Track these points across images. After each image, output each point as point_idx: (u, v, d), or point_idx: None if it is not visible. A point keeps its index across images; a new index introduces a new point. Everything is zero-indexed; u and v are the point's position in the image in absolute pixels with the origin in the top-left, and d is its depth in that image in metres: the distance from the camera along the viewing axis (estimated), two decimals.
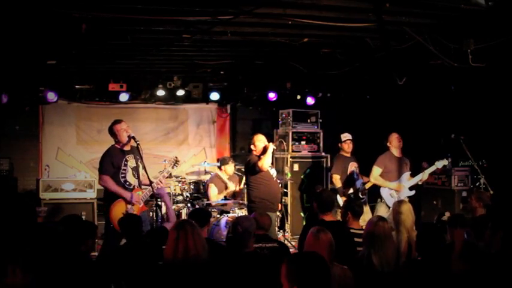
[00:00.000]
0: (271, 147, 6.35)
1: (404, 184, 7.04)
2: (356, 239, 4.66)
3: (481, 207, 5.34)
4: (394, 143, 7.16)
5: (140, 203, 5.63)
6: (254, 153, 6.48)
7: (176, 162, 6.15)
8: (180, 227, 3.58)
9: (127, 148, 5.71)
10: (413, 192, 7.05)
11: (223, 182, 8.12)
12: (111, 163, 5.60)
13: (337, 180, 7.79)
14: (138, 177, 5.69)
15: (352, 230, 4.90)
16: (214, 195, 8.00)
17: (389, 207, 6.86)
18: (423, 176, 7.00)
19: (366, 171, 7.54)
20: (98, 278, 3.82)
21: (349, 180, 7.73)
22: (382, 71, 7.50)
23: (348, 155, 7.91)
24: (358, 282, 3.66)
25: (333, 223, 4.76)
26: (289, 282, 2.64)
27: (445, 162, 7.01)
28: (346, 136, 7.93)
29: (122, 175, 5.62)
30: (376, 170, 7.09)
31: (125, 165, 5.64)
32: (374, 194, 7.36)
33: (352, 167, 7.81)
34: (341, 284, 3.46)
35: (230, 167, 8.15)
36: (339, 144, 7.98)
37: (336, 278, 3.44)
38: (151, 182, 5.59)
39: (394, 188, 7.00)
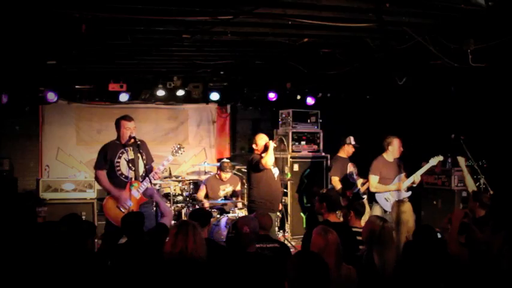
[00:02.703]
0: (272, 144, 6.37)
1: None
2: (358, 237, 4.68)
3: (478, 208, 5.33)
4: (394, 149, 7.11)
5: (138, 195, 5.59)
6: (256, 152, 6.51)
7: (180, 148, 5.98)
8: (182, 223, 3.63)
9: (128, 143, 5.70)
10: (409, 193, 7.02)
11: (219, 184, 8.12)
12: (103, 158, 5.64)
13: (336, 182, 7.77)
14: (136, 170, 5.65)
15: (354, 229, 4.93)
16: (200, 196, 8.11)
17: (384, 211, 6.86)
18: (415, 177, 6.96)
19: (365, 171, 7.52)
20: (102, 275, 3.82)
21: (346, 182, 7.73)
22: (382, 71, 7.50)
23: (346, 156, 7.91)
24: (359, 280, 3.67)
25: (337, 224, 4.76)
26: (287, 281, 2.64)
27: (440, 158, 6.95)
28: (353, 140, 7.91)
29: (117, 168, 5.62)
30: (374, 179, 7.02)
31: (119, 157, 5.62)
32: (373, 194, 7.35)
33: (351, 167, 7.79)
34: (346, 283, 3.47)
35: (226, 175, 8.10)
36: (343, 146, 7.93)
37: (342, 277, 3.45)
38: (147, 174, 5.55)
39: (396, 189, 6.97)
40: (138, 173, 5.67)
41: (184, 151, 6.15)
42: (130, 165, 5.65)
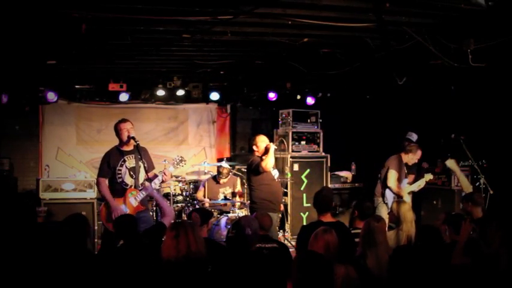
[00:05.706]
0: (273, 147, 6.36)
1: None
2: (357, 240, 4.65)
3: (472, 207, 5.31)
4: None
5: (135, 202, 5.62)
6: (256, 154, 6.48)
7: (181, 161, 6.09)
8: (178, 225, 3.54)
9: (128, 148, 5.71)
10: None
11: (218, 187, 8.13)
12: (106, 164, 5.68)
13: None
14: (136, 178, 5.69)
15: (353, 231, 4.88)
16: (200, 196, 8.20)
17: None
18: (420, 184, 6.98)
19: (365, 171, 7.52)
20: (101, 275, 3.82)
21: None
22: (382, 71, 7.50)
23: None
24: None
25: (331, 224, 4.73)
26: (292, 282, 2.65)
27: (430, 176, 6.99)
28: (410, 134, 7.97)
29: (118, 175, 5.64)
30: (394, 174, 6.94)
31: (121, 165, 5.65)
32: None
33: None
34: (345, 283, 3.46)
35: (223, 180, 8.15)
36: None
37: (340, 277, 3.44)
38: (150, 180, 5.58)
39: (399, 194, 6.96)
40: (138, 181, 5.69)
41: (185, 163, 6.23)
42: (131, 173, 5.68)
